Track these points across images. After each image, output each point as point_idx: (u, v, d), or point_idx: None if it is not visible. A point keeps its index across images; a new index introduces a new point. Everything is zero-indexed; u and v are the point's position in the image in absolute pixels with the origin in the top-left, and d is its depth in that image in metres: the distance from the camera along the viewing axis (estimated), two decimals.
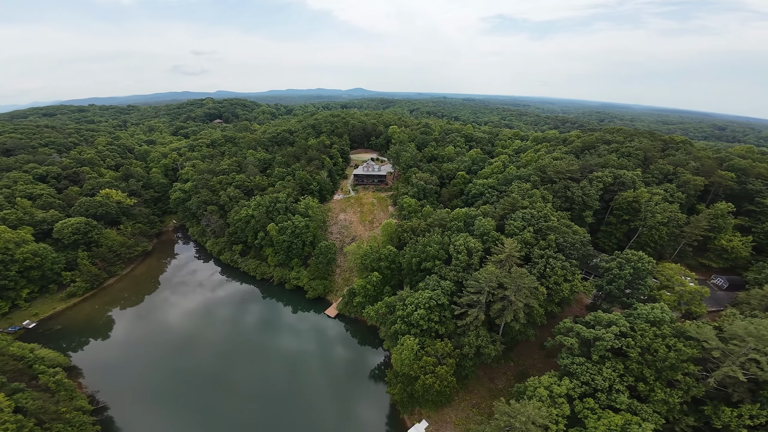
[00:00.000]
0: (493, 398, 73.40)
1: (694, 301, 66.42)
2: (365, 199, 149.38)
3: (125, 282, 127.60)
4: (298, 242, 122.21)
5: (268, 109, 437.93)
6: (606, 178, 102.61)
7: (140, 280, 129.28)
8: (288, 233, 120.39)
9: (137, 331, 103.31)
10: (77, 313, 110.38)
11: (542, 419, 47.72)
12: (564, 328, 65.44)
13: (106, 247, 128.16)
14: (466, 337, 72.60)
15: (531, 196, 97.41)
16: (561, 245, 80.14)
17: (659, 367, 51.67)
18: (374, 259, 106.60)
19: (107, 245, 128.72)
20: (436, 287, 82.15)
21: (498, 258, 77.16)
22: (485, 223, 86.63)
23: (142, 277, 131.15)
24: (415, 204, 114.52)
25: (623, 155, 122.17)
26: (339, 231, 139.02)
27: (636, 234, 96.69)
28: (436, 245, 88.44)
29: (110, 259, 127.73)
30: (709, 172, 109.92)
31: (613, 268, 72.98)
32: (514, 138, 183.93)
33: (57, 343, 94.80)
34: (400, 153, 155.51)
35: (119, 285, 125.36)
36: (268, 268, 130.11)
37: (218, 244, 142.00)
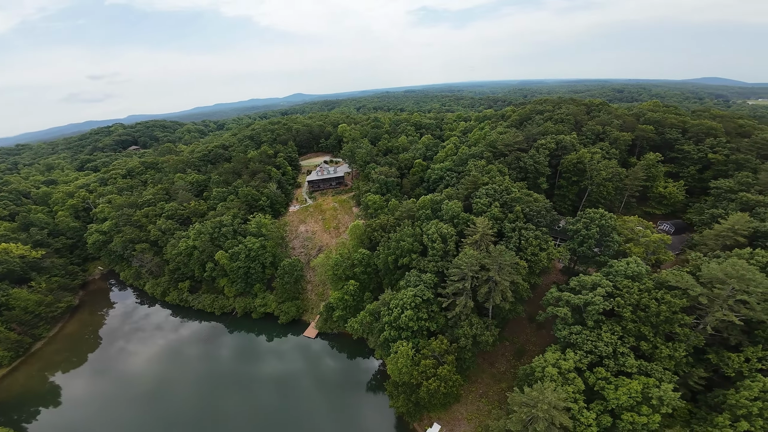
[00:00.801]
0: (498, 383, 70.92)
1: (660, 250, 70.11)
2: (325, 205, 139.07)
3: (57, 343, 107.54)
4: (257, 266, 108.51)
5: (194, 127, 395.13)
6: (550, 144, 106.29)
7: (76, 339, 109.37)
8: (242, 258, 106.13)
9: (96, 390, 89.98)
10: (12, 383, 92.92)
11: (563, 402, 45.06)
12: (552, 299, 64.54)
13: (19, 309, 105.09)
14: (460, 328, 68.67)
15: (488, 172, 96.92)
16: (528, 215, 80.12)
17: (654, 322, 51.70)
18: (347, 267, 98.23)
19: (20, 307, 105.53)
20: (418, 282, 77.06)
21: (473, 239, 74.37)
22: (452, 205, 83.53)
23: (77, 335, 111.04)
24: (379, 200, 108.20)
25: (557, 122, 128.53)
26: (302, 244, 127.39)
27: (586, 193, 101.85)
28: (410, 238, 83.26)
29: (29, 321, 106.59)
30: (631, 128, 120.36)
31: (581, 229, 74.33)
32: (458, 120, 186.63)
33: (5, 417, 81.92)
34: (354, 150, 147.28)
35: (50, 348, 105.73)
36: (227, 300, 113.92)
37: (159, 284, 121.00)
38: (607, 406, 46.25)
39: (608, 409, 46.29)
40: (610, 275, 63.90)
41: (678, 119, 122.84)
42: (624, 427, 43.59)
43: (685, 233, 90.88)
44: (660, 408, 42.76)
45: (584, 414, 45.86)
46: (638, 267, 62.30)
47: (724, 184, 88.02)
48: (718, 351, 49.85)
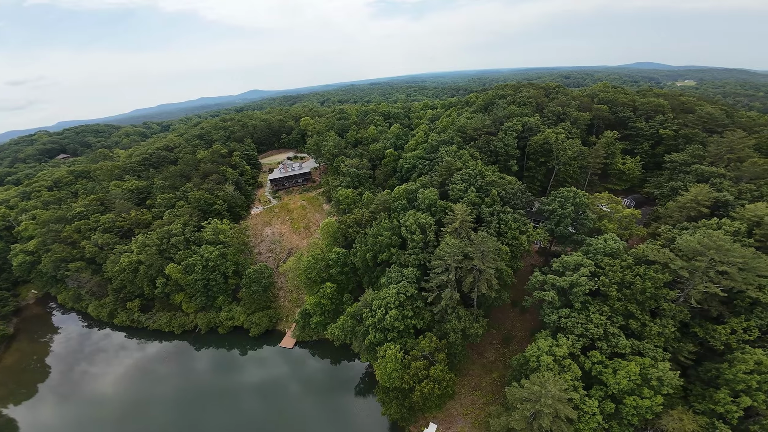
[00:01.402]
0: (489, 374, 68.57)
1: (631, 225, 71.27)
2: (292, 204, 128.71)
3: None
4: (217, 277, 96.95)
5: (134, 130, 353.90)
6: (516, 126, 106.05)
7: (19, 370, 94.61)
8: (198, 270, 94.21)
9: (59, 419, 79.59)
10: None
11: (565, 393, 42.63)
12: (537, 282, 62.74)
13: None
14: (448, 323, 64.96)
15: (461, 157, 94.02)
16: (505, 198, 78.22)
17: (640, 299, 51.19)
18: (321, 269, 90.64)
19: None
20: (400, 278, 72.09)
21: (452, 227, 70.67)
22: (428, 194, 79.15)
23: (19, 366, 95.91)
24: (351, 194, 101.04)
25: (521, 104, 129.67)
26: (269, 248, 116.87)
27: (553, 173, 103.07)
28: (387, 232, 77.76)
29: None
30: (587, 108, 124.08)
31: (557, 208, 73.62)
32: (425, 108, 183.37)
33: None
34: (320, 144, 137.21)
35: None
36: (187, 317, 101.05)
37: (104, 306, 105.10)
38: (608, 391, 44.84)
39: (609, 394, 44.91)
40: (590, 254, 63.32)
41: (627, 98, 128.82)
42: (628, 412, 42.36)
43: (644, 207, 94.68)
44: (661, 389, 41.95)
45: (587, 402, 44.01)
46: (616, 244, 62.24)
47: (678, 157, 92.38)
48: (702, 324, 50.35)
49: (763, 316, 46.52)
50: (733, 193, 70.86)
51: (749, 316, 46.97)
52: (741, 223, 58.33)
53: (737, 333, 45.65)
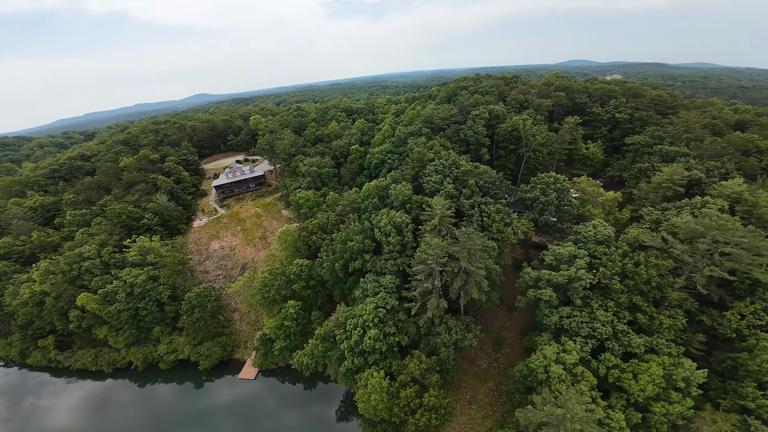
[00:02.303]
0: (483, 383, 60.38)
1: (614, 209, 67.91)
2: (244, 213, 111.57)
3: None
4: (148, 305, 78.89)
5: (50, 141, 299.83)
6: (484, 114, 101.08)
7: None
8: (122, 298, 75.72)
9: None
10: None
11: (590, 412, 35.12)
12: (530, 279, 55.74)
13: None
14: (437, 336, 55.62)
15: (432, 148, 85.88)
16: (483, 188, 71.10)
17: (645, 290, 46.10)
18: (281, 285, 76.69)
19: None
20: (377, 289, 61.46)
21: (431, 224, 61.61)
22: (401, 189, 69.22)
23: None
24: (313, 196, 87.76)
25: (484, 94, 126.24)
26: (218, 265, 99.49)
27: (524, 161, 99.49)
28: (358, 236, 66.59)
29: None
30: (547, 95, 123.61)
31: (539, 196, 67.93)
32: (389, 103, 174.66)
33: None
34: (273, 143, 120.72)
35: None
36: (118, 353, 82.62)
37: (12, 344, 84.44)
38: (630, 398, 38.49)
39: (631, 402, 38.61)
40: (580, 243, 58.01)
41: (581, 85, 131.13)
42: (657, 420, 36.26)
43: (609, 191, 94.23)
44: (689, 390, 36.37)
45: (612, 416, 37.08)
46: (606, 230, 57.49)
47: (639, 139, 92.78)
48: (707, 311, 46.55)
49: (766, 298, 43.36)
50: (702, 170, 70.54)
51: (753, 299, 43.56)
52: (722, 200, 56.36)
53: (746, 318, 41.86)
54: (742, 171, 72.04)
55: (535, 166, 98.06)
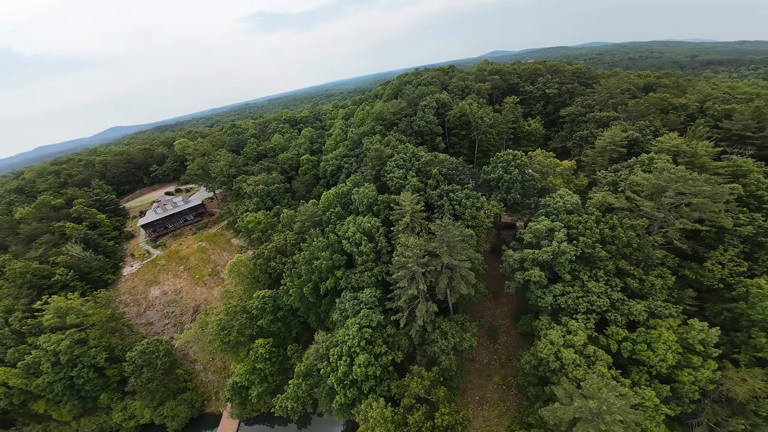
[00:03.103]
0: (489, 380, 55.70)
1: (572, 177, 68.27)
2: (185, 249, 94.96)
3: None
4: (83, 371, 63.26)
5: None
6: (432, 104, 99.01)
7: None
8: (48, 369, 59.33)
9: None
10: None
11: (624, 398, 31.42)
12: (515, 262, 52.24)
13: None
14: (433, 344, 49.48)
15: (389, 143, 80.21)
16: (447, 175, 67.20)
17: (628, 253, 44.78)
18: (244, 324, 64.81)
19: None
20: (357, 307, 53.44)
21: (403, 223, 55.55)
22: (364, 191, 61.95)
23: None
24: (265, 217, 75.71)
25: (427, 85, 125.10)
26: (163, 313, 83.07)
27: (476, 144, 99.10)
28: (325, 252, 57.78)
29: None
30: (483, 79, 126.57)
31: (502, 174, 65.82)
32: (336, 108, 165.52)
33: None
34: (207, 166, 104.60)
35: None
36: (68, 426, 67.26)
37: None
38: (651, 371, 36.09)
39: (654, 374, 36.24)
40: (551, 215, 56.40)
41: (510, 68, 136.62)
42: (687, 390, 34.12)
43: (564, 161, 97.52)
44: (709, 351, 34.82)
45: (641, 393, 34.08)
46: (573, 198, 56.54)
47: (572, 110, 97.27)
48: (686, 265, 46.63)
49: (736, 244, 44.73)
50: (635, 130, 74.56)
51: (725, 246, 44.59)
52: (665, 155, 58.76)
53: (726, 266, 42.43)
54: (666, 127, 77.68)
55: (487, 148, 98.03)
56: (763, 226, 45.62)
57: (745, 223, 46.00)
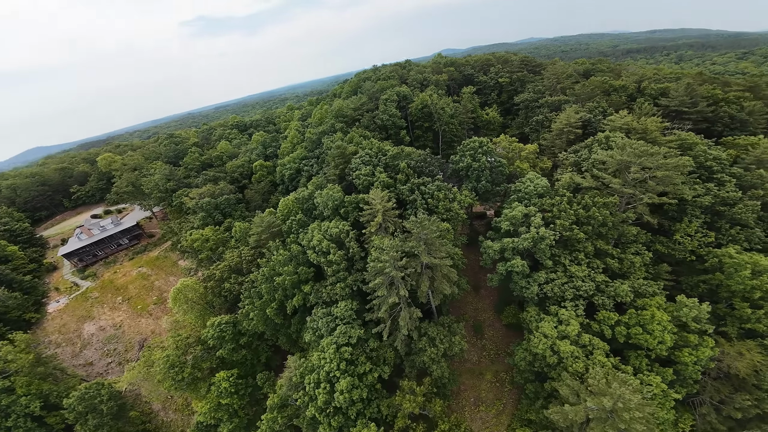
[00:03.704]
0: (481, 378, 51.94)
1: (536, 160, 66.87)
2: (122, 278, 79.68)
3: None
4: (19, 421, 52.02)
5: None
6: (393, 97, 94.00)
7: None
8: None
9: None
10: None
11: (639, 392, 28.37)
12: (494, 253, 48.70)
13: None
14: (421, 353, 44.15)
15: (351, 140, 73.14)
16: (416, 168, 62.32)
17: (604, 232, 43.21)
18: (200, 357, 54.44)
19: None
20: (333, 324, 46.38)
21: (375, 223, 49.47)
22: (329, 192, 54.56)
23: None
24: (213, 233, 64.41)
25: (386, 79, 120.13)
26: (103, 352, 69.29)
27: (440, 136, 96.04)
28: (288, 266, 49.58)
29: None
30: (440, 71, 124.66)
31: (471, 163, 62.40)
32: (290, 110, 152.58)
33: None
34: (139, 182, 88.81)
35: None
36: None
37: None
38: (650, 354, 34.02)
39: (653, 358, 34.22)
40: (524, 200, 53.98)
41: (464, 60, 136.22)
42: (690, 371, 32.37)
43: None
44: (705, 328, 33.42)
45: (650, 381, 31.69)
46: (542, 181, 54.66)
47: (525, 97, 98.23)
48: (656, 239, 46.39)
49: (698, 215, 45.05)
50: (586, 111, 75.71)
51: (690, 218, 44.66)
52: (619, 132, 59.15)
53: (695, 237, 42.31)
54: (612, 107, 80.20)
55: (451, 139, 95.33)
56: (719, 195, 46.41)
57: (702, 194, 46.49)
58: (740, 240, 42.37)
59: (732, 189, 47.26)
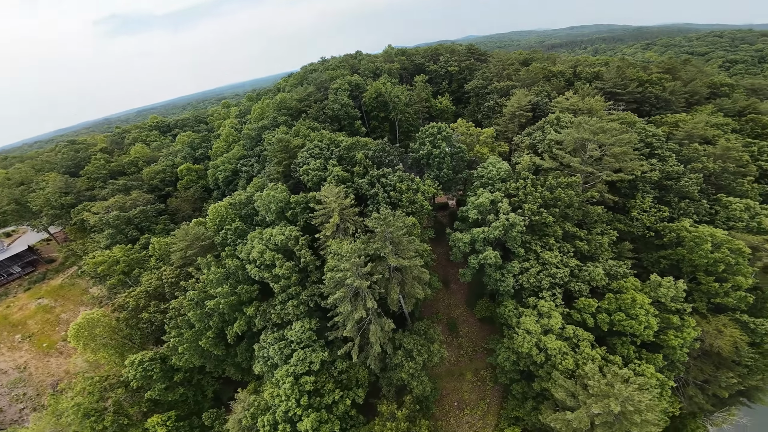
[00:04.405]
0: (461, 379, 46.75)
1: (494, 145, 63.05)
2: (18, 312, 60.46)
3: None
4: None
5: None
6: (344, 86, 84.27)
7: None
8: None
9: None
10: None
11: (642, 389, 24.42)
12: (464, 245, 43.16)
13: None
14: (399, 370, 37.17)
15: (297, 133, 62.44)
16: (375, 159, 54.64)
17: (570, 213, 40.10)
18: (121, 403, 41.40)
19: None
20: (287, 349, 37.19)
21: (332, 225, 40.88)
22: (272, 193, 44.12)
23: None
24: (124, 253, 49.23)
25: (335, 68, 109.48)
26: (11, 398, 53.04)
27: (397, 126, 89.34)
28: (223, 286, 38.70)
29: None
30: (392, 60, 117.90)
31: (432, 150, 56.40)
32: (226, 107, 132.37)
33: None
34: (24, 198, 67.20)
35: None
36: None
37: None
38: (636, 340, 31.00)
39: (638, 344, 31.24)
40: (487, 186, 49.55)
41: (413, 50, 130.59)
42: (679, 355, 29.77)
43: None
44: (684, 307, 31.07)
45: (644, 370, 28.44)
46: (504, 165, 50.65)
47: (475, 84, 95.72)
48: (616, 218, 44.77)
49: (648, 190, 44.20)
50: (533, 95, 74.57)
51: (642, 194, 43.57)
52: (567, 113, 57.64)
53: (651, 212, 41.07)
54: (555, 91, 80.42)
55: (408, 128, 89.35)
56: (664, 170, 46.15)
57: (650, 170, 45.89)
58: (690, 213, 42.22)
59: (674, 164, 47.58)
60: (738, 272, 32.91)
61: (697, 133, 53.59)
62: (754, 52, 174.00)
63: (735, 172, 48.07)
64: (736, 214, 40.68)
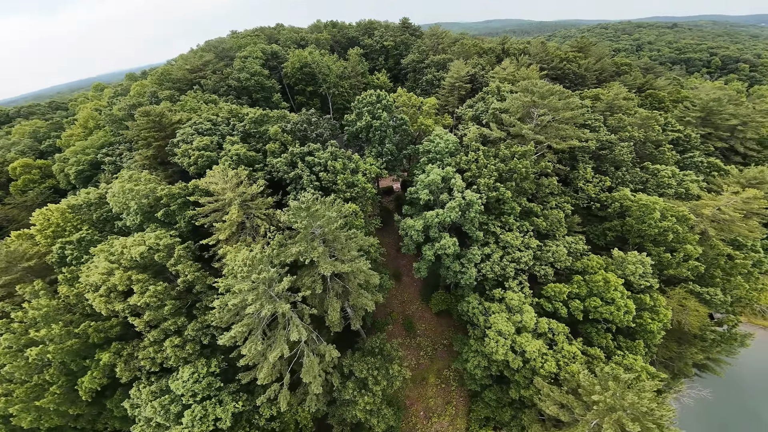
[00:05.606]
0: (424, 385, 38.71)
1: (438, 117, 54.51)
2: None
3: None
4: None
5: None
6: (257, 53, 65.91)
7: None
8: None
9: None
10: None
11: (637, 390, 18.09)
12: (417, 234, 33.64)
13: None
14: (353, 406, 26.55)
15: (183, 107, 44.36)
16: (296, 133, 41.14)
17: (527, 187, 33.53)
18: None
19: None
20: (178, 407, 23.66)
21: (228, 225, 27.19)
22: (127, 185, 27.22)
23: None
24: None
25: (245, 38, 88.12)
26: None
27: (329, 101, 75.02)
28: (57, 326, 22.76)
29: None
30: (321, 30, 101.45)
31: (371, 122, 44.94)
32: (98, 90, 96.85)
33: None
34: None
35: None
36: None
37: None
38: (611, 327, 25.72)
39: (614, 331, 25.91)
40: (436, 161, 40.86)
41: (345, 24, 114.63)
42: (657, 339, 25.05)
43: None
44: (651, 283, 26.37)
45: (630, 363, 22.87)
46: (451, 137, 42.34)
47: (411, 57, 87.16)
48: (564, 190, 40.29)
49: (587, 160, 40.53)
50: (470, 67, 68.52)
51: (582, 164, 39.54)
52: (506, 83, 52.16)
53: (593, 182, 37.16)
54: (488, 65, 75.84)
55: (343, 104, 75.63)
56: (599, 139, 43.17)
57: (588, 139, 42.31)
58: (627, 181, 39.85)
59: (606, 133, 45.14)
60: (686, 241, 30.13)
61: (617, 104, 53.04)
62: (632, 41, 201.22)
63: (655, 140, 48.06)
64: (665, 181, 39.24)
